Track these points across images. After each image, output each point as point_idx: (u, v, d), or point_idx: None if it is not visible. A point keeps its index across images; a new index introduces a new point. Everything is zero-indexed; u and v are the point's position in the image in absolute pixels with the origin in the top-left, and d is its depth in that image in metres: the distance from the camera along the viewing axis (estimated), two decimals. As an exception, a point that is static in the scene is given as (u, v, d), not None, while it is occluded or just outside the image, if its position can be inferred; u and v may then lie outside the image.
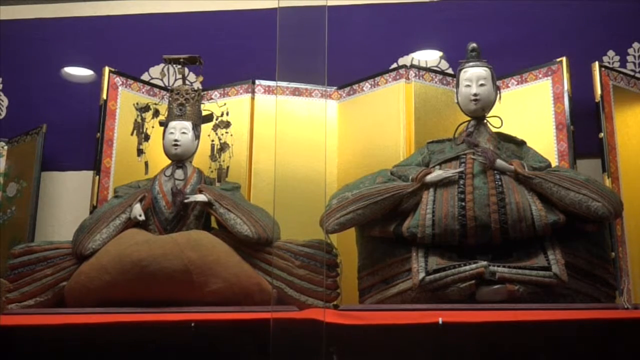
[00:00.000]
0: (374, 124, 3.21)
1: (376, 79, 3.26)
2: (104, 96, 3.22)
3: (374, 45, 3.63)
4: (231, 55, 3.66)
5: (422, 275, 2.48)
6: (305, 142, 3.24)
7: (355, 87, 3.32)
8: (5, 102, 3.81)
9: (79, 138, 3.58)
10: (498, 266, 2.46)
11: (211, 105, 3.10)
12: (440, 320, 2.28)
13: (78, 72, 3.81)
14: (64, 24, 3.85)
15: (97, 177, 3.14)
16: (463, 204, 2.55)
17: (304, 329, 2.37)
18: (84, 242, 2.69)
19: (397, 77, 3.20)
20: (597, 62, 3.08)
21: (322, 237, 2.66)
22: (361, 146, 3.23)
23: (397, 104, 3.16)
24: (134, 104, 3.06)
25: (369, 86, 3.28)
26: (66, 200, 3.59)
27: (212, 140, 3.01)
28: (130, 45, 3.76)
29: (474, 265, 2.46)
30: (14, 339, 2.56)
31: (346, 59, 3.45)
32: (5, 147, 3.59)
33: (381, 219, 2.63)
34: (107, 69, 3.25)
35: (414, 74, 3.18)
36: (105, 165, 3.16)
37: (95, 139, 3.18)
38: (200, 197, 2.79)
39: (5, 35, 3.83)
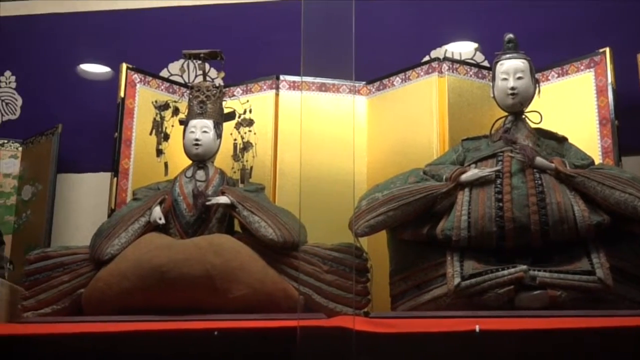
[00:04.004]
0: (405, 120, 3.21)
1: (407, 72, 3.26)
2: (122, 94, 3.24)
3: (405, 37, 3.63)
4: (254, 49, 3.67)
5: (457, 280, 2.48)
6: (332, 140, 3.25)
7: (385, 81, 3.32)
8: (19, 101, 3.85)
9: (95, 138, 3.61)
10: (538, 270, 2.45)
11: (233, 102, 3.11)
12: (477, 328, 2.27)
13: (94, 69, 3.84)
14: (80, 19, 3.88)
15: (115, 178, 3.16)
16: (500, 204, 2.54)
17: (332, 337, 2.36)
18: (101, 247, 2.71)
19: (430, 70, 3.19)
20: (643, 53, 3.06)
21: (351, 240, 2.65)
22: (392, 144, 3.22)
23: (430, 99, 3.15)
24: (152, 102, 3.08)
25: (400, 81, 3.27)
26: (83, 204, 3.62)
27: (235, 139, 3.02)
28: (148, 41, 3.78)
29: (512, 270, 2.44)
30: (30, 349, 2.59)
31: (375, 52, 3.44)
32: (20, 149, 3.63)
33: (414, 221, 2.62)
34: (124, 66, 3.27)
35: (447, 67, 3.17)
36: (124, 167, 3.19)
37: (113, 139, 3.21)
38: (223, 199, 2.80)
39: (19, 31, 3.88)
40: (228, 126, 3.03)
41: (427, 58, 3.51)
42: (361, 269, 2.67)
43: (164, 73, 3.67)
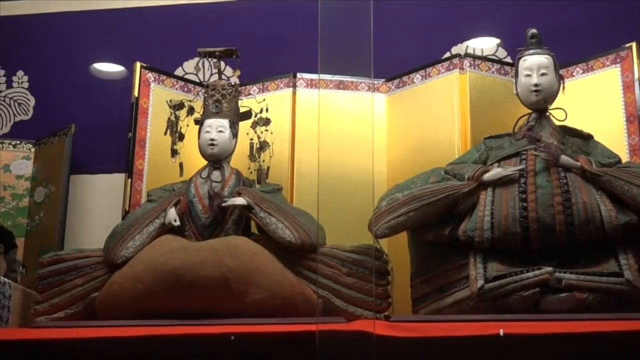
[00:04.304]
0: (426, 118, 3.18)
1: (428, 69, 3.24)
2: (136, 93, 3.24)
3: (425, 33, 3.61)
4: (270, 47, 3.66)
5: (480, 282, 2.46)
6: (351, 139, 3.23)
7: (405, 78, 3.30)
8: (32, 101, 3.85)
9: (109, 138, 3.61)
10: (564, 272, 2.42)
11: (249, 101, 3.09)
12: (501, 332, 2.24)
13: (108, 68, 3.84)
14: (93, 17, 3.89)
15: (130, 179, 3.15)
16: (525, 204, 2.51)
17: (352, 341, 2.34)
18: (115, 250, 2.70)
19: (451, 67, 3.17)
20: (670, 47, 3.02)
21: (371, 242, 2.64)
22: (412, 143, 3.20)
23: (451, 96, 3.13)
24: (167, 101, 3.06)
25: (420, 77, 3.25)
26: (97, 205, 3.61)
27: (251, 139, 3.00)
28: (162, 39, 3.78)
29: (538, 272, 2.42)
30: (43, 354, 2.58)
31: (394, 48, 3.43)
32: (33, 150, 3.63)
33: (435, 222, 2.60)
34: (138, 65, 3.27)
35: (468, 64, 3.15)
36: (138, 167, 3.18)
37: (127, 139, 3.20)
38: (239, 201, 2.78)
39: (31, 30, 3.89)
40: (244, 125, 3.02)
41: (448, 54, 3.49)
42: (381, 272, 2.66)
43: (178, 72, 3.66)
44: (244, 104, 3.05)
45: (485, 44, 3.57)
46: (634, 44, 3.02)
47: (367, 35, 2.34)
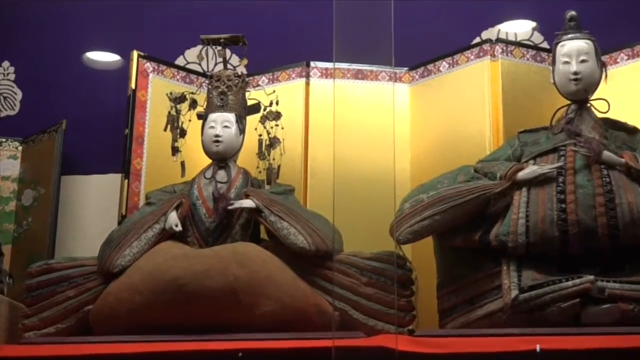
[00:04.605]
0: (453, 110, 3.20)
1: (455, 56, 3.25)
2: (133, 85, 3.25)
3: (452, 17, 3.61)
4: (281, 33, 3.67)
5: (515, 293, 2.46)
6: (370, 134, 3.24)
7: (430, 67, 3.31)
8: (19, 95, 3.88)
9: (104, 135, 3.63)
10: (608, 281, 2.42)
11: (258, 93, 3.11)
12: (538, 347, 2.24)
13: (102, 57, 3.87)
14: (85, 1, 3.90)
15: (126, 180, 3.17)
16: (563, 205, 2.51)
17: (372, 359, 2.34)
18: (111, 258, 2.72)
19: (481, 53, 3.18)
20: None
21: (392, 248, 2.64)
22: (438, 138, 3.21)
23: (482, 86, 3.14)
24: (167, 94, 3.07)
25: (447, 66, 3.26)
26: (91, 209, 3.63)
27: (260, 135, 3.01)
28: (162, 25, 3.80)
29: (578, 281, 2.42)
30: (32, 373, 2.59)
31: (418, 33, 3.44)
32: (20, 148, 3.66)
33: (464, 225, 2.61)
34: (135, 53, 3.28)
35: (501, 50, 3.15)
36: (136, 167, 3.20)
37: (124, 136, 3.22)
38: (247, 203, 2.80)
39: (19, 18, 3.90)
40: (252, 120, 3.03)
41: (477, 40, 3.50)
42: (404, 281, 2.66)
43: (179, 61, 3.68)
44: (252, 96, 3.06)
45: (519, 28, 3.58)
46: (685, 27, 3.02)
47: (388, 19, 2.34)
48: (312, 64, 3.32)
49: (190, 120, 3.02)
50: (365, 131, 3.24)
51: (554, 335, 2.34)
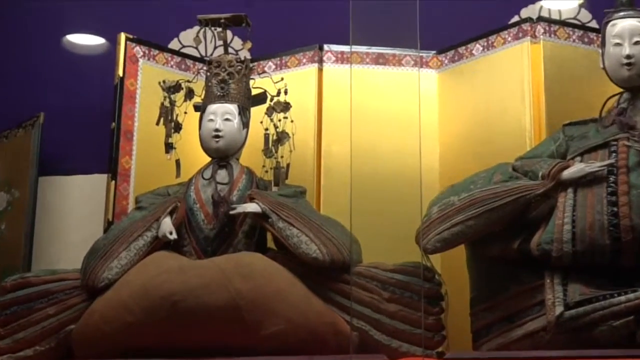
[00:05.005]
0: (488, 99, 3.20)
1: (490, 38, 3.25)
2: (120, 72, 3.27)
3: (487, -8, 3.61)
4: (289, 12, 3.67)
5: (559, 309, 2.46)
6: (393, 127, 3.26)
7: (461, 50, 3.32)
8: (-10, 84, 3.89)
9: (87, 130, 3.64)
10: (667, 296, 2.42)
11: (264, 80, 3.11)
12: (586, 371, 2.25)
13: (84, 40, 3.88)
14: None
15: (113, 182, 3.19)
16: (615, 209, 2.52)
17: (396, 385, 2.36)
18: (96, 271, 2.73)
19: (520, 34, 3.18)
20: None
21: (419, 258, 2.64)
22: (471, 131, 3.22)
23: (521, 71, 3.14)
24: (159, 83, 3.08)
25: (481, 48, 3.26)
26: (73, 215, 3.65)
27: (266, 129, 3.02)
28: (153, 4, 3.80)
29: (632, 295, 2.42)
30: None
31: (447, 12, 3.43)
32: (-9, 145, 3.67)
33: (501, 232, 2.62)
34: (123, 36, 3.30)
35: (543, 30, 3.16)
36: (124, 166, 3.21)
37: (110, 130, 3.23)
38: (252, 207, 2.81)
39: (-13, -5, 3.92)
40: (257, 112, 3.04)
41: (516, 19, 3.50)
42: (433, 296, 2.67)
43: (174, 45, 3.69)
44: (257, 84, 3.07)
45: (564, 5, 3.58)
46: None
47: (413, -4, 2.36)
48: (326, 47, 3.33)
49: (186, 113, 3.03)
50: (387, 124, 3.25)
51: (604, 357, 2.34)
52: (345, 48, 3.30)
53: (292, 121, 3.01)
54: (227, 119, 2.92)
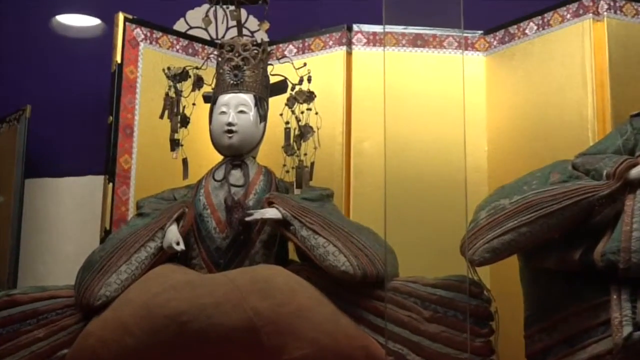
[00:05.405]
0: (543, 86, 3.21)
1: (546, 15, 3.25)
2: (118, 58, 3.28)
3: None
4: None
5: (627, 330, 2.45)
6: (434, 119, 3.26)
7: (512, 30, 3.32)
8: (-31, 73, 3.91)
9: (80, 125, 3.65)
10: None
11: (284, 66, 3.12)
12: (658, 402, 2.25)
13: (78, 21, 3.89)
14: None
15: (111, 184, 3.19)
16: (691, 213, 2.51)
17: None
18: (92, 288, 2.74)
19: (581, 11, 3.17)
20: None
21: (464, 271, 2.64)
22: (524, 124, 3.22)
23: (582, 53, 3.14)
24: (163, 70, 3.09)
25: (535, 28, 3.26)
26: (64, 222, 3.66)
27: (287, 123, 3.03)
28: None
29: None
30: None
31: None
32: (-29, 143, 3.69)
33: (559, 241, 2.61)
34: (121, 16, 3.31)
35: (607, 6, 3.15)
36: (123, 166, 3.22)
37: (107, 125, 3.24)
38: (271, 213, 2.81)
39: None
40: (277, 103, 3.04)
41: (575, -7, 3.50)
42: (480, 315, 2.67)
43: (179, 26, 3.70)
44: (276, 71, 3.07)
45: (631, -24, 3.57)
46: None
47: (456, -32, 2.36)
48: (355, 27, 3.34)
49: (194, 105, 3.04)
50: (426, 116, 3.26)
51: (681, 386, 2.35)
52: (377, 28, 3.30)
53: (316, 113, 3.02)
54: (241, 111, 2.93)
